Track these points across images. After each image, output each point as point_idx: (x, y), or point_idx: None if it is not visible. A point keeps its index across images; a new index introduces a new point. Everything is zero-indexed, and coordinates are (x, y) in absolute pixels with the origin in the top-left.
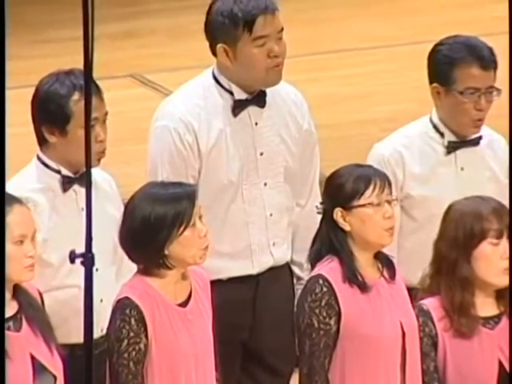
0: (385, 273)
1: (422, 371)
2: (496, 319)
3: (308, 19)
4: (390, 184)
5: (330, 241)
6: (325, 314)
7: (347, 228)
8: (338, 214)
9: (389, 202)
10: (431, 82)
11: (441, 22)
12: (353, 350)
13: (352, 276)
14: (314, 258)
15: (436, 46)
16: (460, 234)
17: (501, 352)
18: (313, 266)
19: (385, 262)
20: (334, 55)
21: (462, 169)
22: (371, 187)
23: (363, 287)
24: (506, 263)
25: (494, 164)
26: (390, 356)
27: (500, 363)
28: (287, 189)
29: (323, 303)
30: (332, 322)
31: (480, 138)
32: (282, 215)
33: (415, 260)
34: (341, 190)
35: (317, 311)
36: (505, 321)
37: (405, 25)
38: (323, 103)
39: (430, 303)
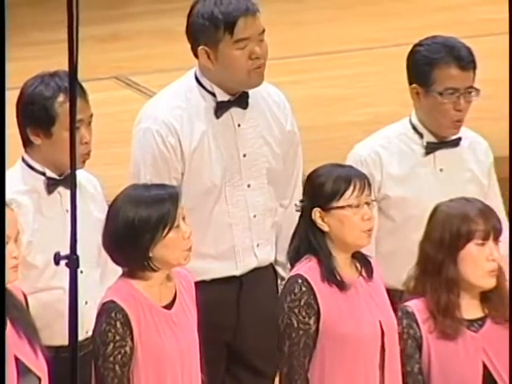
0: (363, 272)
1: (406, 373)
2: (480, 322)
3: (292, 21)
4: (369, 185)
5: (308, 240)
6: (304, 313)
7: (325, 229)
8: (316, 214)
9: (368, 204)
10: (410, 83)
11: (425, 24)
12: (332, 349)
13: (330, 275)
14: (293, 257)
15: (415, 46)
16: (446, 235)
17: (485, 355)
18: (292, 265)
19: (363, 261)
20: (319, 57)
21: (441, 170)
22: (351, 188)
23: (342, 286)
24: (492, 265)
25: (474, 166)
26: (369, 355)
27: (484, 366)
28: (270, 190)
29: (302, 303)
30: (311, 321)
31: (459, 139)
32: (266, 216)
33: (393, 261)
34: (320, 191)
35: (296, 311)
36: (489, 324)
37: (388, 27)
38: (307, 105)
39: (415, 305)
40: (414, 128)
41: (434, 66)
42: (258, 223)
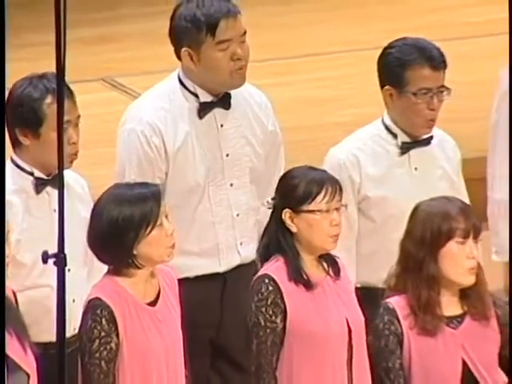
0: (330, 271)
1: (388, 368)
2: (459, 319)
3: (279, 24)
4: (341, 190)
5: (277, 239)
6: (271, 312)
7: (294, 229)
8: (286, 215)
9: (337, 210)
10: (383, 85)
11: (408, 26)
12: (300, 347)
13: (297, 275)
14: (263, 254)
15: (386, 49)
16: (427, 233)
17: (464, 351)
18: (261, 262)
19: (330, 260)
20: (305, 59)
21: (416, 168)
22: (322, 193)
23: (308, 286)
24: (472, 262)
25: (445, 163)
26: (336, 352)
27: (464, 362)
28: (253, 189)
29: (269, 302)
30: (278, 320)
31: (431, 137)
32: (249, 215)
33: (375, 260)
34: (293, 192)
35: (263, 310)
36: (467, 321)
37: (373, 29)
38: (294, 106)
39: (396, 301)
40: (388, 129)
41: (406, 67)
42: (241, 222)
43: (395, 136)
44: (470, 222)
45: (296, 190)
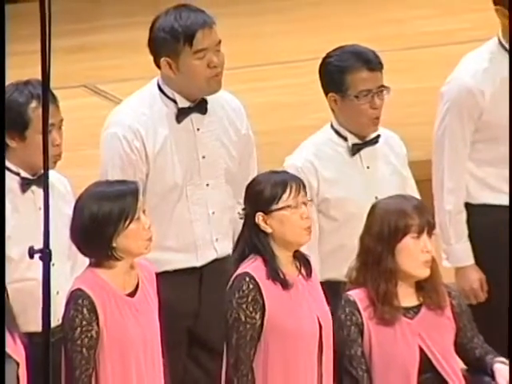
0: (302, 270)
1: (350, 356)
2: (415, 309)
3: (250, 34)
4: (304, 187)
5: (252, 243)
6: (251, 308)
7: (269, 230)
8: (259, 218)
9: (305, 204)
10: (327, 93)
11: (368, 36)
12: (275, 341)
13: (275, 274)
14: (239, 259)
15: (325, 58)
16: (385, 229)
17: (420, 339)
18: (237, 266)
19: (302, 260)
20: (274, 67)
21: (368, 167)
22: (287, 191)
23: (285, 284)
24: (427, 256)
25: (393, 159)
26: (308, 347)
27: (421, 350)
28: (228, 189)
29: (250, 299)
30: (257, 316)
31: (378, 136)
32: (224, 213)
33: (338, 256)
34: (260, 196)
35: (244, 306)
36: (423, 311)
37: (337, 39)
38: (264, 111)
39: (356, 294)
40: (337, 133)
41: (346, 72)
42: (217, 219)
43: (345, 139)
44: (424, 218)
45: (263, 194)
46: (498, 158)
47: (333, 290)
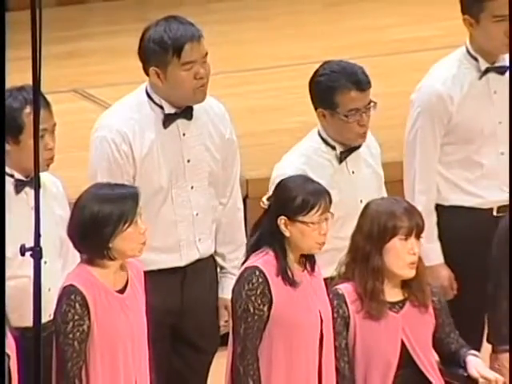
0: (308, 267)
1: (334, 348)
2: (400, 304)
3: (230, 41)
4: (330, 202)
5: (269, 238)
6: (259, 301)
7: (287, 234)
8: (281, 221)
9: (326, 219)
10: (316, 108)
11: (345, 43)
12: (279, 333)
13: (284, 273)
14: (252, 247)
15: (315, 76)
16: (374, 229)
17: (403, 333)
18: (249, 254)
19: (308, 257)
20: (254, 72)
21: (353, 172)
22: (316, 208)
23: (292, 283)
24: (413, 258)
25: (371, 161)
26: (309, 339)
27: (402, 343)
28: (211, 191)
29: (258, 292)
30: (265, 308)
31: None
32: (207, 214)
33: (324, 257)
34: (290, 203)
35: (253, 298)
36: (407, 306)
37: (315, 46)
38: (245, 114)
39: (345, 288)
40: (325, 142)
41: (336, 92)
42: (200, 220)
43: (334, 148)
44: (413, 221)
45: (294, 202)
46: (466, 161)
47: None
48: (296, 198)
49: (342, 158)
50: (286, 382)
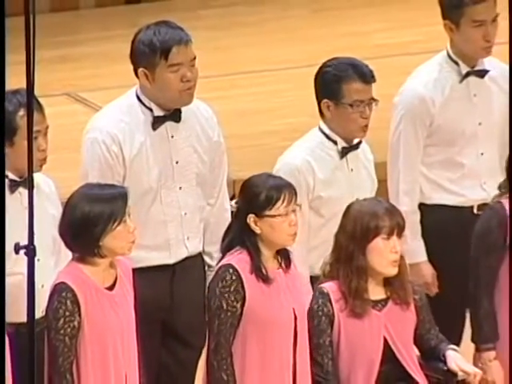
0: (283, 264)
1: (318, 345)
2: (383, 302)
3: (219, 46)
4: (296, 194)
5: (241, 238)
6: (233, 298)
7: (258, 231)
8: (251, 219)
9: (294, 211)
10: (321, 99)
11: (331, 48)
12: (253, 329)
13: (258, 269)
14: (226, 249)
15: (322, 67)
16: (358, 229)
17: (386, 330)
18: (223, 254)
19: (283, 254)
20: (242, 76)
21: (352, 169)
22: (281, 200)
23: (266, 279)
24: (395, 256)
25: (367, 164)
26: (283, 336)
27: (385, 340)
28: (199, 191)
29: (232, 289)
30: (238, 305)
31: (360, 142)
32: (195, 214)
33: (320, 251)
34: (255, 200)
35: (226, 296)
36: (390, 304)
37: (301, 50)
38: (233, 117)
39: (329, 286)
40: (328, 137)
41: (343, 82)
42: (189, 220)
43: (335, 143)
44: (394, 220)
45: (258, 198)
46: (448, 161)
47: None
48: (260, 194)
49: (342, 154)
50: (259, 378)
